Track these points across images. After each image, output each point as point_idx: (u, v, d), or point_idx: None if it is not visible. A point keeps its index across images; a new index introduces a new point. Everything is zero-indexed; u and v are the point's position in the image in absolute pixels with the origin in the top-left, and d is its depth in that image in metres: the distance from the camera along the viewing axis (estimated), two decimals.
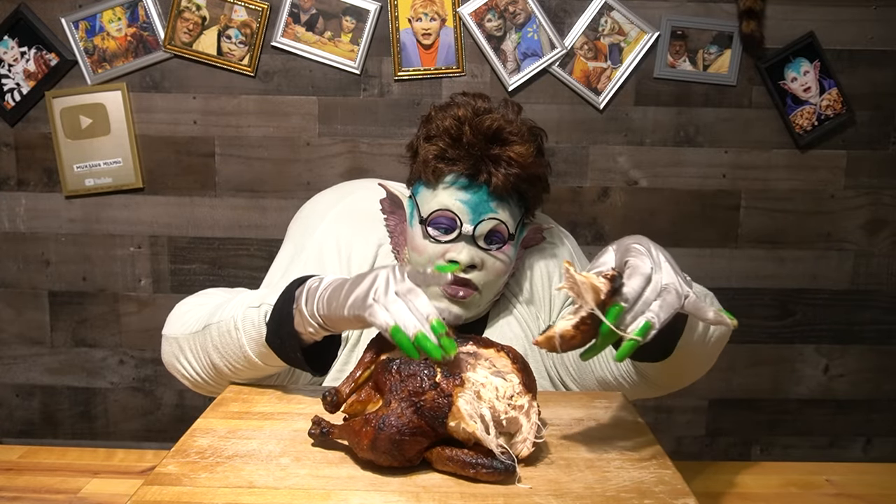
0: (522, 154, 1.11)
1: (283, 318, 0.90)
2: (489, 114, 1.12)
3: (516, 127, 1.12)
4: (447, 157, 1.11)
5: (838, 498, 1.26)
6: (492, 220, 1.11)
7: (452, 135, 1.11)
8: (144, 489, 0.70)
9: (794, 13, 1.74)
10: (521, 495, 0.70)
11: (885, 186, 1.82)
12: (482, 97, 1.17)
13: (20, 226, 1.83)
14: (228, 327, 0.96)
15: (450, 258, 1.10)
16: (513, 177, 1.11)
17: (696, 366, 1.04)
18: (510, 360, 0.80)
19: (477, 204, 1.10)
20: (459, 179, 1.11)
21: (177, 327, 1.05)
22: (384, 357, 0.81)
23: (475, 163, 1.10)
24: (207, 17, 1.73)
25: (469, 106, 1.13)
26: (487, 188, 1.11)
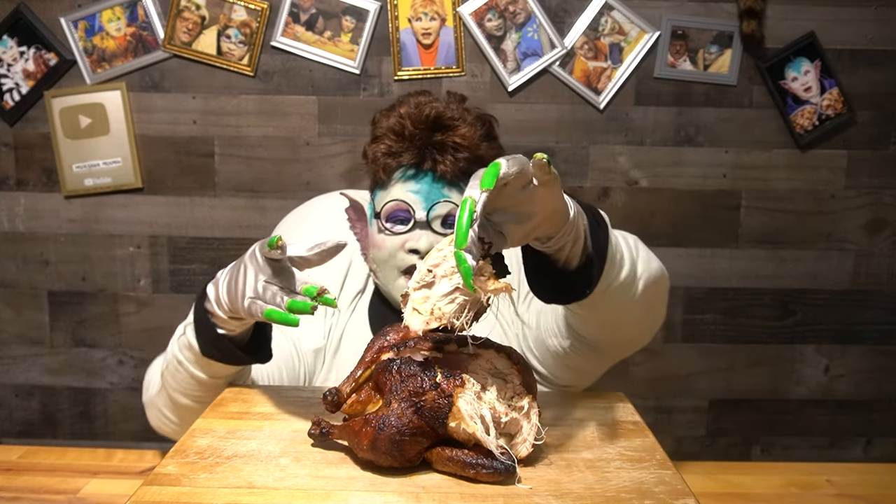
0: (467, 136, 1.13)
1: (205, 328, 0.94)
2: (429, 104, 1.15)
3: (458, 113, 1.15)
4: (393, 152, 1.14)
5: (839, 498, 1.25)
6: (445, 204, 1.12)
7: (396, 131, 1.15)
8: (144, 489, 0.70)
9: (794, 13, 1.74)
10: (521, 496, 0.70)
11: (885, 186, 1.82)
12: (424, 93, 1.20)
13: (19, 226, 1.83)
14: (175, 365, 1.01)
15: (409, 247, 1.12)
16: (462, 161, 1.13)
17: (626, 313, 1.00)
18: (511, 361, 0.80)
19: (428, 191, 1.13)
20: (408, 171, 1.14)
21: (149, 393, 1.11)
22: (385, 357, 0.81)
23: (419, 152, 1.13)
24: (207, 17, 1.73)
25: (410, 101, 1.17)
26: (434, 175, 1.13)
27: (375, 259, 1.16)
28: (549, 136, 1.78)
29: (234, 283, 0.88)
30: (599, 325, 1.02)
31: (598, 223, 0.87)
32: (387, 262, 1.13)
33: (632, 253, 0.96)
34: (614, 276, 0.91)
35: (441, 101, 1.17)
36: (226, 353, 0.94)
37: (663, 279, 1.03)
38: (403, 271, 1.12)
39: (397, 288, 1.13)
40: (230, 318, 0.91)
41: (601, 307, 0.95)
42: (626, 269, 0.93)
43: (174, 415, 1.07)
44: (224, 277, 0.92)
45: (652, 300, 1.02)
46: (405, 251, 1.12)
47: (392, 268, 1.13)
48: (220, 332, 0.92)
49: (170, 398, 1.05)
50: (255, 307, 0.84)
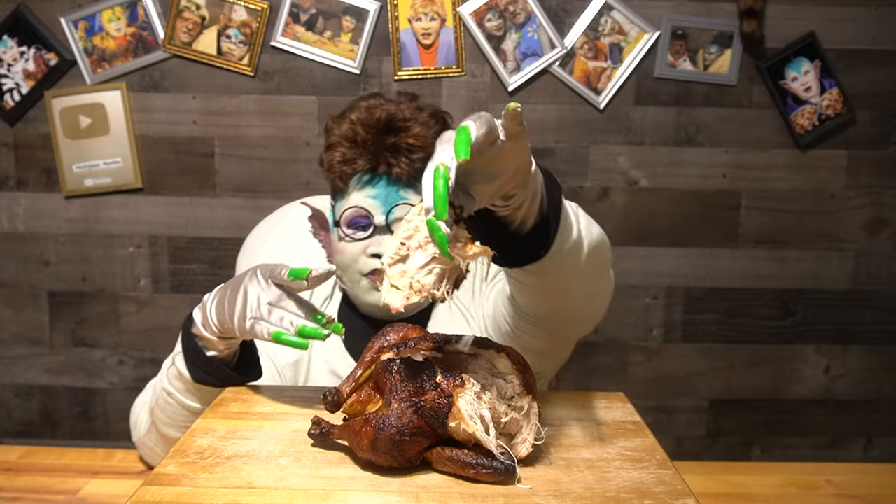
0: (420, 136, 1.12)
1: (194, 354, 0.96)
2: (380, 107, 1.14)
3: (409, 113, 1.14)
4: (347, 159, 1.14)
5: (839, 498, 1.25)
6: (403, 206, 1.12)
7: (349, 137, 1.14)
8: (144, 489, 0.70)
9: (794, 13, 1.74)
10: (521, 496, 0.70)
11: (885, 186, 1.82)
12: (375, 95, 1.19)
13: (19, 226, 1.83)
14: (165, 399, 1.02)
15: (371, 252, 1.11)
16: (417, 161, 1.12)
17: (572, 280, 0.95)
18: (511, 361, 0.80)
19: (385, 195, 1.12)
20: (364, 177, 1.13)
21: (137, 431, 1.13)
22: (385, 357, 0.81)
23: (373, 157, 1.12)
24: (207, 17, 1.73)
25: (361, 106, 1.15)
26: (390, 178, 1.12)
27: (340, 265, 1.16)
28: (549, 136, 1.78)
29: (229, 305, 0.90)
30: (544, 295, 0.97)
31: (551, 180, 0.84)
32: (350, 268, 1.13)
33: (577, 217, 0.92)
34: (565, 239, 0.87)
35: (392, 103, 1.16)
36: (218, 375, 0.96)
37: (605, 246, 0.99)
38: (367, 275, 1.12)
39: (362, 289, 1.13)
40: (219, 339, 0.93)
41: (550, 273, 0.90)
42: (574, 233, 0.89)
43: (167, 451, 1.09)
44: (212, 300, 0.94)
45: (595, 268, 0.98)
46: (367, 256, 1.11)
47: (355, 272, 1.13)
48: (210, 355, 0.95)
49: (161, 434, 1.07)
50: (261, 328, 0.87)
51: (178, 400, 1.01)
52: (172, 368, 1.00)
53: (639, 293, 1.84)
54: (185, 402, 1.01)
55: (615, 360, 1.87)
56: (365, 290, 1.13)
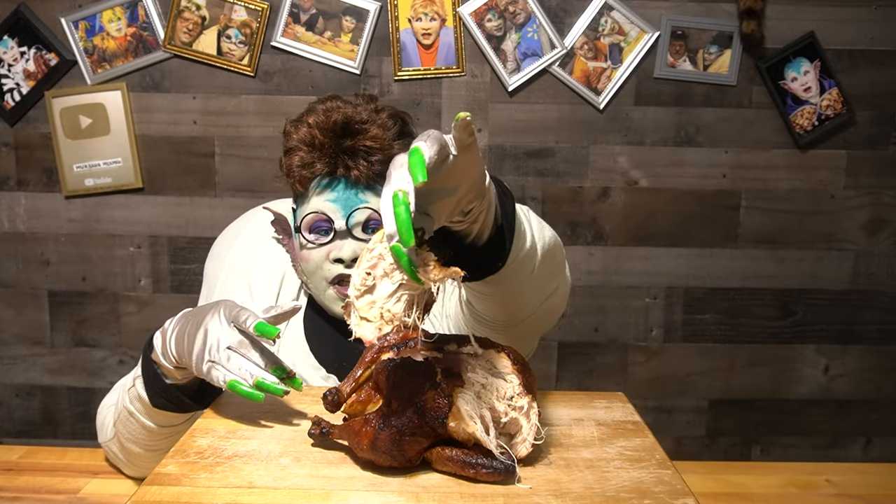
0: (378, 138, 1.11)
1: (153, 380, 0.96)
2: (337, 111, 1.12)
3: (367, 115, 1.13)
4: (306, 164, 1.13)
5: (838, 498, 1.25)
6: (364, 210, 1.11)
7: (307, 141, 1.13)
8: (144, 489, 0.70)
9: (794, 13, 1.74)
10: (521, 495, 0.70)
11: (885, 186, 1.82)
12: (333, 97, 1.17)
13: (20, 226, 1.83)
14: (126, 417, 1.03)
15: (334, 257, 1.10)
16: (376, 164, 1.11)
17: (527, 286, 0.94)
18: (510, 360, 0.80)
19: (345, 199, 1.11)
20: (322, 181, 1.13)
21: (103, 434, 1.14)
22: (385, 357, 0.81)
23: (331, 160, 1.11)
24: (207, 17, 1.73)
25: (318, 109, 1.14)
26: (348, 181, 1.11)
27: (304, 272, 1.15)
28: (549, 136, 1.78)
29: (188, 340, 0.90)
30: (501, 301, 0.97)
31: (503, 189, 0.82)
32: (314, 274, 1.12)
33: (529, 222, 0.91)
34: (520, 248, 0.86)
35: (350, 105, 1.14)
36: (176, 403, 0.97)
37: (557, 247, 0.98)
38: (331, 281, 1.12)
39: (329, 298, 1.12)
40: (176, 369, 0.94)
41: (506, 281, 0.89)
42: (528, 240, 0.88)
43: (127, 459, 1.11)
44: (173, 329, 0.93)
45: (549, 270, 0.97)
46: (330, 261, 1.10)
47: (320, 279, 1.12)
48: (169, 383, 0.95)
49: (123, 447, 1.08)
50: (217, 374, 0.86)
51: (139, 420, 1.02)
52: (133, 389, 1.01)
53: (639, 293, 1.84)
54: (144, 422, 1.01)
55: (615, 360, 1.87)
56: (331, 299, 1.12)
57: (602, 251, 1.82)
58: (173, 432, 1.02)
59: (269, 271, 1.24)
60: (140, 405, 1.00)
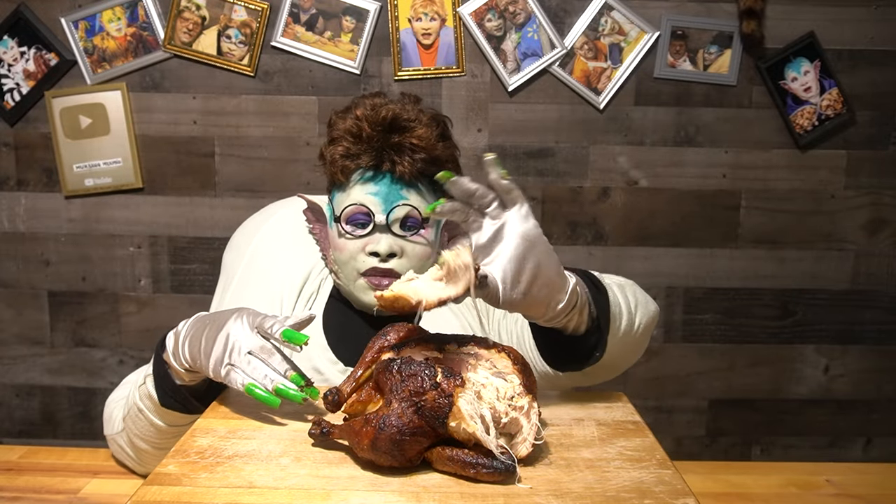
0: (423, 137, 1.14)
1: (163, 380, 0.97)
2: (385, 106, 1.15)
3: (413, 114, 1.15)
4: (351, 154, 1.15)
5: (838, 498, 1.25)
6: (404, 207, 1.12)
7: (353, 133, 1.15)
8: (144, 489, 0.70)
9: (794, 13, 1.74)
10: (521, 495, 0.70)
11: (885, 186, 1.82)
12: (379, 94, 1.20)
13: (20, 226, 1.83)
14: (136, 413, 1.04)
15: (370, 250, 1.12)
16: (419, 161, 1.13)
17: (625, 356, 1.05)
18: (511, 360, 0.80)
19: (387, 194, 1.13)
20: (366, 173, 1.14)
21: (110, 427, 1.14)
22: (385, 357, 0.81)
23: (377, 154, 1.13)
24: (207, 17, 1.73)
25: (366, 103, 1.16)
26: (393, 176, 1.13)
27: (336, 261, 1.16)
28: (549, 136, 1.78)
29: (206, 343, 0.90)
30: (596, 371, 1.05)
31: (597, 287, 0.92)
32: (347, 264, 1.14)
33: (629, 303, 1.01)
34: (615, 331, 0.96)
35: (397, 103, 1.17)
36: (184, 404, 0.98)
37: (657, 317, 1.09)
38: (363, 273, 1.13)
39: (358, 287, 1.13)
40: (186, 371, 0.94)
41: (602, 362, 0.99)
42: (625, 321, 0.98)
43: (134, 454, 1.12)
44: (187, 333, 0.94)
45: (645, 339, 1.08)
46: (365, 254, 1.12)
47: (352, 270, 1.13)
48: (178, 384, 0.96)
49: (131, 442, 1.09)
50: (235, 376, 0.87)
51: (148, 417, 1.02)
52: (143, 387, 1.02)
53: None
54: (153, 420, 1.02)
55: None
56: (361, 289, 1.13)
57: (602, 251, 1.82)
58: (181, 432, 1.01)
59: (290, 268, 1.25)
60: (150, 403, 1.01)
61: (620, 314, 0.97)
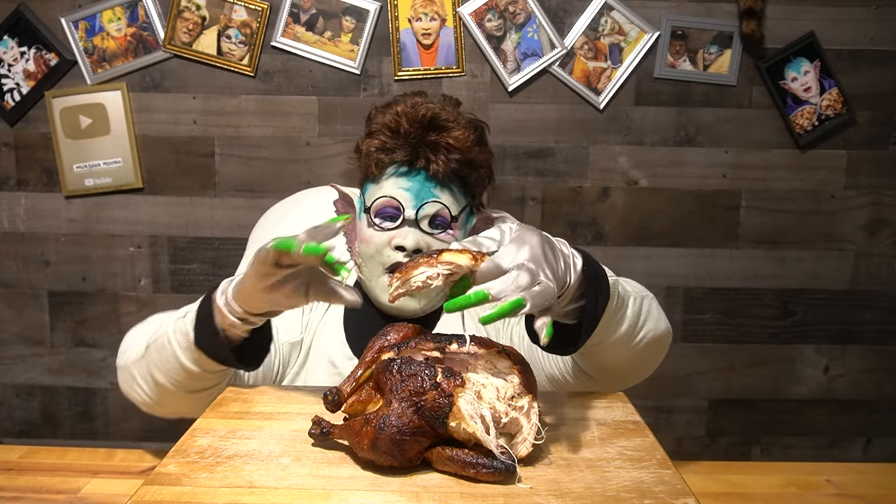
0: (460, 139, 1.15)
1: (206, 320, 0.94)
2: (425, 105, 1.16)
3: (452, 115, 1.17)
4: (387, 148, 1.16)
5: (838, 498, 1.25)
6: (434, 204, 1.13)
7: (391, 127, 1.16)
8: (144, 489, 0.70)
9: (794, 13, 1.74)
10: (522, 495, 0.70)
11: (885, 186, 1.82)
12: (420, 93, 1.22)
13: (20, 226, 1.83)
14: (163, 342, 1.00)
15: (396, 244, 1.12)
16: (453, 162, 1.14)
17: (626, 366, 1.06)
18: (511, 360, 0.80)
19: (419, 190, 1.14)
20: (400, 168, 1.15)
21: (126, 356, 1.10)
22: (385, 357, 0.81)
23: (413, 150, 1.14)
24: (207, 17, 1.73)
25: (407, 101, 1.18)
26: (427, 173, 1.14)
27: (361, 254, 1.16)
28: (549, 136, 1.79)
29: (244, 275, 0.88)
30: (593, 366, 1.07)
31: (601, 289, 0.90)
32: (372, 258, 1.14)
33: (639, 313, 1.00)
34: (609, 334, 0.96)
35: (437, 103, 1.19)
36: (217, 350, 0.94)
37: (667, 337, 1.08)
38: (387, 268, 1.13)
39: (379, 286, 1.14)
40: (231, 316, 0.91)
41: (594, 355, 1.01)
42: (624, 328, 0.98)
43: (147, 387, 1.06)
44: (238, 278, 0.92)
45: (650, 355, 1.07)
46: (391, 248, 1.12)
47: (377, 264, 1.14)
48: (218, 328, 0.93)
49: (149, 372, 1.04)
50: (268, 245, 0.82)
51: (174, 351, 0.99)
52: (181, 321, 0.98)
53: None
54: (179, 355, 0.98)
55: None
56: (382, 288, 1.14)
57: (602, 251, 1.82)
58: (200, 377, 1.00)
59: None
60: (183, 339, 0.97)
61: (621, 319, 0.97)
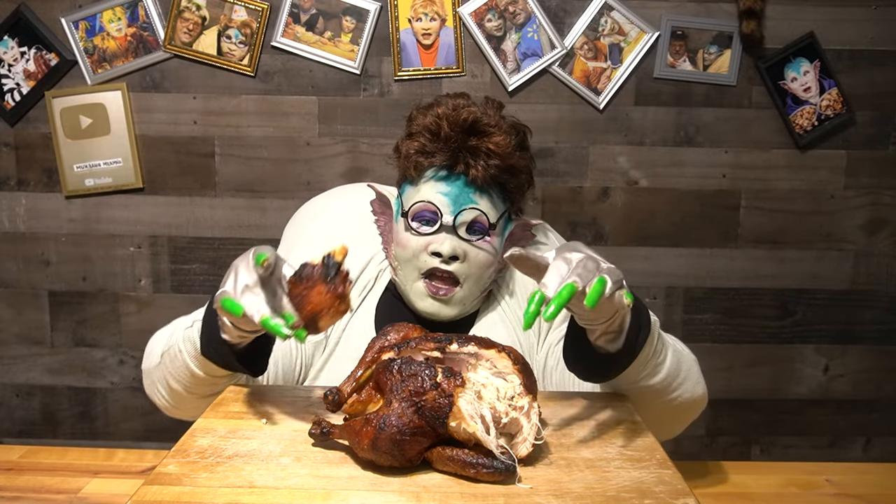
0: (500, 144, 1.13)
1: (210, 329, 0.94)
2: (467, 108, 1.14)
3: (494, 120, 1.15)
4: (426, 151, 1.14)
5: (838, 498, 1.26)
6: (472, 211, 1.12)
7: (432, 130, 1.14)
8: (144, 489, 0.70)
9: (794, 13, 1.74)
10: (522, 495, 0.70)
11: (885, 186, 1.82)
12: (463, 95, 1.20)
13: (20, 226, 1.83)
14: (175, 351, 1.01)
15: (433, 250, 1.11)
16: (493, 168, 1.13)
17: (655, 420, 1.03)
18: (511, 360, 0.80)
19: (457, 195, 1.12)
20: (439, 172, 1.14)
21: (148, 361, 1.10)
22: (385, 357, 0.81)
23: (453, 154, 1.13)
24: (207, 17, 1.73)
25: (448, 103, 1.16)
26: (466, 179, 1.13)
27: (398, 257, 1.15)
28: (549, 136, 1.79)
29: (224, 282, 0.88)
30: None
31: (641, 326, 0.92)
32: (409, 262, 1.13)
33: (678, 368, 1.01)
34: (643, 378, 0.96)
35: (478, 107, 1.16)
36: (222, 358, 0.94)
37: (702, 403, 1.09)
38: (423, 273, 1.12)
39: (415, 291, 1.13)
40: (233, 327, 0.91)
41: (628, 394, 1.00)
42: (660, 378, 0.98)
43: (165, 392, 1.07)
44: None
45: (681, 416, 1.08)
46: (428, 253, 1.11)
47: (413, 269, 1.12)
48: (223, 337, 0.93)
49: (164, 378, 1.05)
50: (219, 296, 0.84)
51: (184, 359, 0.99)
52: (189, 330, 0.99)
53: (639, 293, 1.82)
54: (188, 363, 0.99)
55: None
56: (419, 293, 1.13)
57: (602, 251, 1.80)
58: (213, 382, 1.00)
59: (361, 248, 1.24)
60: (191, 347, 0.98)
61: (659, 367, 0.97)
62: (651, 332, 0.93)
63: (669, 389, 1.00)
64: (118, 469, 1.25)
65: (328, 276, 0.79)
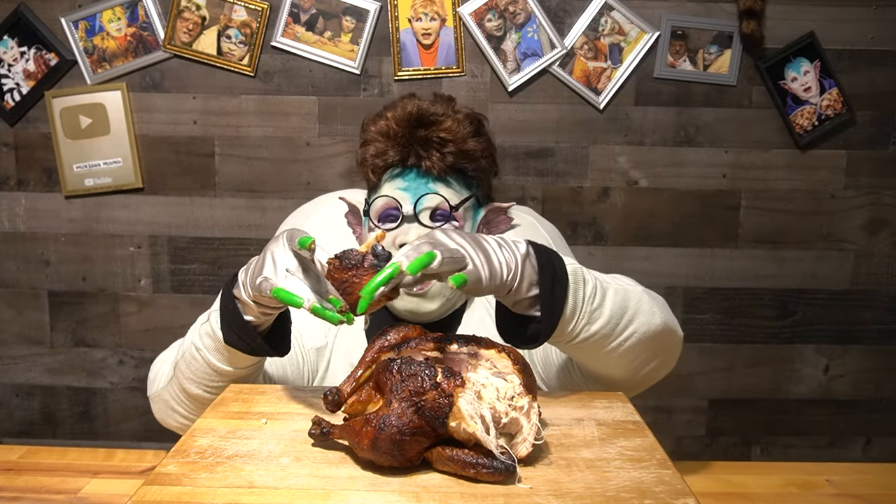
0: (451, 130, 1.15)
1: (230, 315, 0.93)
2: (412, 103, 1.17)
3: (442, 108, 1.17)
4: (379, 153, 1.17)
5: (838, 498, 1.25)
6: (432, 197, 1.13)
7: (383, 132, 1.17)
8: (144, 489, 0.70)
9: (794, 13, 1.74)
10: (522, 495, 0.70)
11: (885, 186, 1.82)
12: (410, 95, 1.23)
13: (20, 226, 1.83)
14: (192, 353, 1.00)
15: (399, 243, 1.12)
16: (448, 155, 1.14)
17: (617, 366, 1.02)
18: (511, 360, 0.80)
19: (415, 187, 1.14)
20: (395, 170, 1.16)
21: (155, 385, 1.10)
22: (385, 357, 0.81)
23: (404, 149, 1.15)
24: (207, 17, 1.73)
25: (397, 104, 1.19)
26: (419, 170, 1.15)
27: None
28: (549, 136, 1.79)
29: (256, 265, 0.88)
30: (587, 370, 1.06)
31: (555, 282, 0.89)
32: None
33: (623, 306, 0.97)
34: (583, 328, 0.94)
35: (426, 101, 1.19)
36: (249, 341, 0.93)
37: (665, 334, 1.03)
38: None
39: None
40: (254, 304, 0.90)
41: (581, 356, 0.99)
42: (603, 322, 0.95)
43: (183, 407, 1.06)
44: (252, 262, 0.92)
45: (645, 354, 1.02)
46: (395, 248, 1.12)
47: None
48: (247, 319, 0.92)
49: (182, 388, 1.04)
50: (266, 284, 0.84)
51: (205, 357, 0.99)
52: (206, 325, 0.98)
53: None
54: (211, 360, 0.98)
55: None
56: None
57: (602, 251, 1.82)
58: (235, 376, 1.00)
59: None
60: (211, 341, 0.97)
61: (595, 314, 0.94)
62: (570, 283, 0.91)
63: (618, 330, 0.97)
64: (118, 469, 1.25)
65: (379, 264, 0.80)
